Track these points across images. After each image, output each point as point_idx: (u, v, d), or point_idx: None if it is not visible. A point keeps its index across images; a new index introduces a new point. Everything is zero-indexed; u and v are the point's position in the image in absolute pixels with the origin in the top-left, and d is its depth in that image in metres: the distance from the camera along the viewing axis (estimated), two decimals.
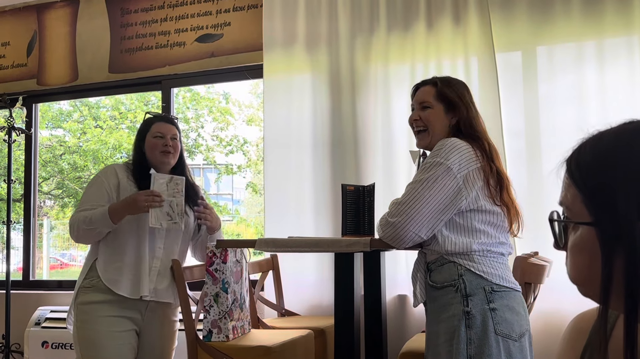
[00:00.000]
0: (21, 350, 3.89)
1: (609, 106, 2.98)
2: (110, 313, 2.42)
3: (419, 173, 1.88)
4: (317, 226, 3.39)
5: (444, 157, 1.82)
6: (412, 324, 3.18)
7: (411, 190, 1.83)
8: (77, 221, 2.44)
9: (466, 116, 1.96)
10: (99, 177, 2.55)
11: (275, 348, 2.47)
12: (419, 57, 3.30)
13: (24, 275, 4.30)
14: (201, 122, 11.22)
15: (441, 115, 1.98)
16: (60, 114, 11.02)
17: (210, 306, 2.54)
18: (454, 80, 2.08)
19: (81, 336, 2.42)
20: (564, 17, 3.10)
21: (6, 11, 4.42)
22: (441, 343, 1.78)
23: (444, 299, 1.80)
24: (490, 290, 1.77)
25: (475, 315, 1.73)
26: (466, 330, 1.73)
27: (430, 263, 1.89)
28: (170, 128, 2.60)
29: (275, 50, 3.56)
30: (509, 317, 1.76)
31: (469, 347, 1.72)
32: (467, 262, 1.79)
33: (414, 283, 1.96)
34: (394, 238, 1.83)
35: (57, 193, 11.68)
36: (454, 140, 1.87)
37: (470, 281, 1.77)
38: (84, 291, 2.45)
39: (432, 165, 1.83)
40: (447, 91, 2.00)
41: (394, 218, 1.82)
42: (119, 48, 4.10)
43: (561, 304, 2.83)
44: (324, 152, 3.44)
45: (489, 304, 1.75)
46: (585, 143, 0.80)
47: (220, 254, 2.57)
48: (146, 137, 2.59)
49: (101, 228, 2.42)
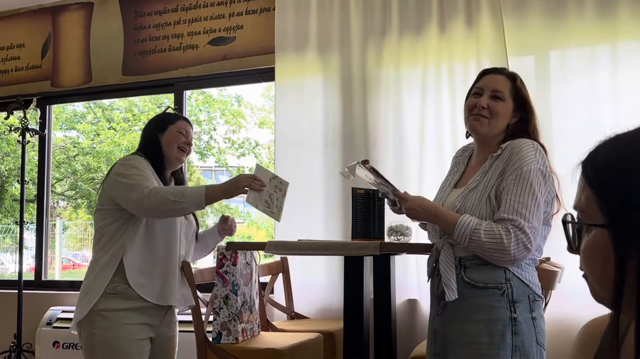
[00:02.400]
0: (32, 350, 3.91)
1: (623, 110, 2.95)
2: (134, 320, 2.27)
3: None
4: (327, 229, 3.38)
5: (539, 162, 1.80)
6: (422, 329, 3.17)
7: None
8: (164, 191, 2.23)
9: (530, 121, 1.92)
10: (139, 162, 2.35)
11: (284, 351, 2.47)
12: (431, 59, 3.29)
13: (36, 275, 4.33)
14: (213, 125, 11.27)
15: (510, 111, 1.91)
16: (74, 116, 11.11)
17: (220, 308, 2.55)
18: (521, 81, 1.99)
19: (101, 343, 2.24)
20: (577, 20, 3.08)
21: (21, 13, 4.46)
22: (476, 343, 1.74)
23: (484, 301, 1.75)
24: (532, 299, 1.76)
25: (522, 323, 1.72)
26: (512, 337, 1.71)
27: (464, 258, 1.81)
28: (191, 131, 2.51)
29: (287, 53, 3.57)
30: (544, 327, 1.77)
31: (514, 354, 1.70)
32: (515, 268, 1.75)
33: (446, 275, 1.82)
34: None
35: (71, 194, 11.77)
36: (534, 142, 1.83)
37: (517, 287, 1.74)
38: (107, 297, 2.25)
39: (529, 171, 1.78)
40: (523, 91, 1.94)
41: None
42: (133, 50, 4.13)
43: (573, 310, 2.81)
44: (335, 154, 3.44)
45: (531, 313, 1.74)
46: (602, 145, 0.79)
47: (231, 256, 2.57)
48: (168, 128, 2.44)
49: (189, 206, 2.24)
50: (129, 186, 2.25)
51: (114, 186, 2.31)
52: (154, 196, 2.20)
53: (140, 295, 2.27)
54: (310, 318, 3.31)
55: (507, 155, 1.80)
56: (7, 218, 11.11)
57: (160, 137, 2.43)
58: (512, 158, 1.78)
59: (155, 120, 2.52)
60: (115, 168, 2.35)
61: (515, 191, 1.74)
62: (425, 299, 3.19)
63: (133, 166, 2.32)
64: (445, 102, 3.25)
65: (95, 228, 2.39)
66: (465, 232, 1.72)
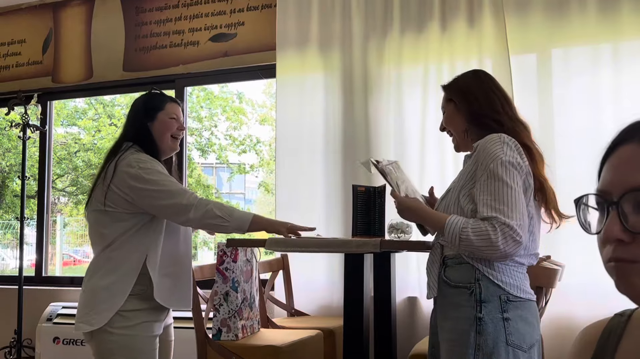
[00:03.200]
0: (33, 346, 3.92)
1: (625, 108, 2.95)
2: (149, 318, 2.22)
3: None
4: (328, 226, 3.38)
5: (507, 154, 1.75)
6: (422, 326, 3.17)
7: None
8: (211, 204, 2.16)
9: (468, 108, 1.90)
10: (156, 164, 2.23)
11: (284, 348, 2.47)
12: (433, 58, 3.29)
13: (36, 270, 4.33)
14: (215, 121, 11.27)
15: (454, 115, 1.94)
16: (76, 112, 11.12)
17: (220, 304, 2.55)
18: (459, 76, 1.99)
19: (118, 342, 2.17)
20: (580, 19, 3.07)
21: (22, 9, 4.46)
22: (446, 340, 1.78)
23: (456, 299, 1.77)
24: (505, 299, 1.74)
25: (487, 322, 1.71)
26: (475, 336, 1.71)
27: (447, 257, 1.83)
28: (181, 114, 2.34)
29: (288, 50, 3.57)
30: (522, 328, 1.74)
31: (477, 353, 1.70)
32: (486, 269, 1.75)
33: (429, 274, 1.89)
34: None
35: (72, 190, 11.78)
36: (501, 135, 1.78)
37: (486, 287, 1.74)
38: (129, 299, 2.17)
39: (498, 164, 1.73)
40: (449, 91, 1.97)
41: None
42: (134, 46, 4.12)
43: (573, 308, 2.81)
44: (336, 152, 3.43)
45: (502, 313, 1.73)
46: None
47: (231, 253, 2.57)
48: (158, 115, 2.27)
49: (231, 227, 2.17)
50: (165, 193, 2.16)
51: (139, 192, 2.17)
52: (202, 207, 2.14)
53: (159, 299, 2.19)
54: (311, 315, 3.31)
55: (476, 154, 1.80)
56: (7, 214, 11.13)
57: (150, 126, 2.27)
58: (480, 157, 1.77)
59: (142, 106, 2.31)
60: (131, 171, 2.19)
61: (489, 189, 1.72)
62: (425, 297, 3.19)
63: (156, 170, 2.20)
64: None
65: (101, 230, 2.23)
66: (455, 232, 1.72)
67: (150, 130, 2.27)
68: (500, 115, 1.88)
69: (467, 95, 1.92)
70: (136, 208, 2.20)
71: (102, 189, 2.21)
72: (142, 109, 2.30)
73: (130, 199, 2.18)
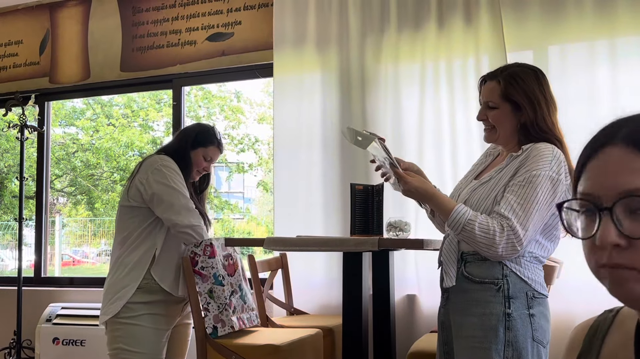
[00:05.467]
0: (32, 346, 3.92)
1: (622, 106, 2.95)
2: (155, 311, 2.44)
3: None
4: (326, 225, 3.38)
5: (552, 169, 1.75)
6: (421, 324, 3.17)
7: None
8: (203, 231, 2.50)
9: (533, 118, 1.85)
10: (179, 178, 2.50)
11: (283, 347, 2.47)
12: (430, 56, 3.29)
13: (35, 271, 4.33)
14: (213, 120, 11.25)
15: (509, 114, 1.87)
16: (73, 112, 11.10)
17: (207, 303, 2.55)
18: (520, 72, 1.89)
19: (124, 331, 2.40)
20: (576, 16, 3.07)
21: (19, 9, 4.45)
22: (468, 337, 1.77)
23: (481, 295, 1.76)
24: (531, 296, 1.76)
25: (516, 319, 1.73)
26: (505, 332, 1.72)
27: (466, 253, 1.82)
28: (217, 158, 2.65)
29: (285, 48, 3.57)
30: (544, 324, 1.77)
31: (507, 349, 1.71)
32: (513, 264, 1.76)
33: (447, 263, 1.84)
34: None
35: (70, 191, 11.76)
36: (554, 149, 1.79)
37: (514, 283, 1.75)
38: (137, 291, 2.42)
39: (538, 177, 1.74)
40: (511, 91, 1.87)
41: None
42: (131, 46, 4.12)
43: (571, 306, 2.81)
44: (334, 150, 3.44)
45: (528, 309, 1.74)
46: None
47: (204, 251, 2.54)
48: (198, 149, 2.59)
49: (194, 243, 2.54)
50: (174, 189, 2.43)
51: (152, 183, 2.42)
52: (197, 229, 2.45)
53: (167, 291, 2.43)
54: (310, 314, 3.31)
55: (524, 157, 1.78)
56: (6, 215, 11.11)
57: (189, 152, 2.57)
58: (527, 161, 1.77)
59: (195, 133, 2.62)
60: (154, 165, 2.46)
61: (519, 192, 1.73)
62: (425, 294, 3.20)
63: (176, 172, 2.46)
64: (443, 98, 3.24)
65: (120, 225, 2.50)
66: (460, 221, 1.72)
67: (189, 154, 2.57)
68: (557, 131, 1.88)
69: (533, 105, 1.86)
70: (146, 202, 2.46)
71: (127, 184, 2.50)
72: (192, 137, 2.60)
73: (143, 190, 2.42)
